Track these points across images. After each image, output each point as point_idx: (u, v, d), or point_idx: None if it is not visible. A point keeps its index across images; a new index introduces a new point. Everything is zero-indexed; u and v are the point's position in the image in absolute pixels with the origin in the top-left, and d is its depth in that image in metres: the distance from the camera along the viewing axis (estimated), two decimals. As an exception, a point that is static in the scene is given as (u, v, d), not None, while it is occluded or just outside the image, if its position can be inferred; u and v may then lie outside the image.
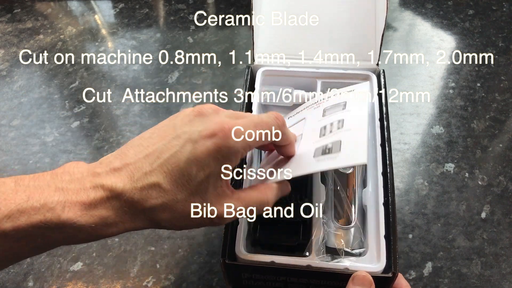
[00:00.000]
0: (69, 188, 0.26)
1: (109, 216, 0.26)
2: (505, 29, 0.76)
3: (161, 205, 0.27)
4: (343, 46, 0.53)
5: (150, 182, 0.26)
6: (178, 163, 0.27)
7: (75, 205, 0.25)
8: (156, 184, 0.26)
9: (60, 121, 0.66)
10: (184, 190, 0.27)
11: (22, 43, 0.78)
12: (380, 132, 0.45)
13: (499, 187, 0.56)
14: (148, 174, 0.27)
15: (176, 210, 0.27)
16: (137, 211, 0.27)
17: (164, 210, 0.27)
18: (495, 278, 0.48)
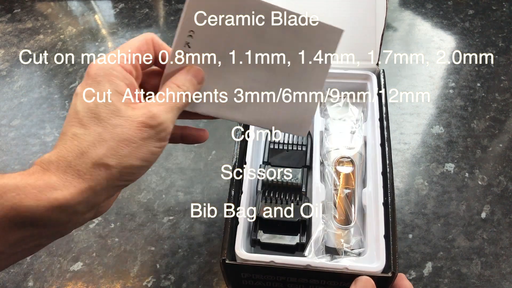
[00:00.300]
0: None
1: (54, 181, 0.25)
2: (505, 29, 0.76)
3: (90, 144, 0.27)
4: (343, 46, 0.53)
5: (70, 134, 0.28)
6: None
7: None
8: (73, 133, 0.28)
9: (60, 121, 0.66)
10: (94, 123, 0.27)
11: (22, 43, 0.78)
12: (380, 132, 0.45)
13: (499, 187, 0.56)
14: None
15: (105, 137, 0.27)
16: (78, 167, 0.26)
17: (96, 146, 0.27)
18: (495, 278, 0.48)
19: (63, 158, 0.26)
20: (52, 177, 0.25)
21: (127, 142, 0.27)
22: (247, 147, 0.45)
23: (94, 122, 0.27)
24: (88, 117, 0.27)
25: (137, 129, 0.27)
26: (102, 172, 0.26)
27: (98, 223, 0.54)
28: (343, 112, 0.51)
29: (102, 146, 0.26)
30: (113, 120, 0.27)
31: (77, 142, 0.27)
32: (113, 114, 0.27)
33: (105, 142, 0.26)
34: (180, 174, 0.59)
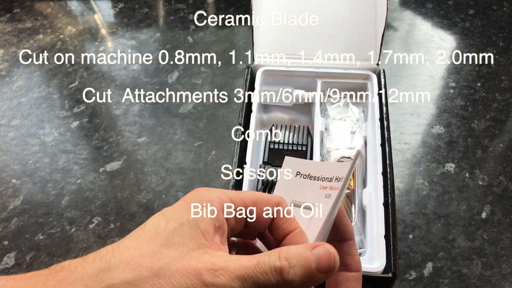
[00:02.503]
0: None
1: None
2: (506, 29, 0.76)
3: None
4: (343, 46, 0.53)
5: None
6: None
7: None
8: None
9: (60, 121, 0.66)
10: None
11: (21, 43, 0.78)
12: (380, 132, 0.45)
13: (500, 187, 0.56)
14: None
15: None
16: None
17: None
18: (495, 278, 0.48)
19: (83, 267, 0.20)
20: (44, 285, 0.20)
21: (164, 283, 0.20)
22: (247, 147, 0.45)
23: (149, 242, 0.21)
24: (148, 234, 0.22)
25: (185, 274, 0.20)
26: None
27: (98, 223, 0.54)
28: (343, 112, 0.51)
29: (132, 271, 0.20)
30: (169, 250, 0.21)
31: (113, 253, 0.21)
32: (174, 245, 0.21)
33: (140, 267, 0.20)
34: (180, 174, 0.58)
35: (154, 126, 0.64)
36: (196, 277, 0.20)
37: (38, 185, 0.58)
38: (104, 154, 0.61)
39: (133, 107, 0.67)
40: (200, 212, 0.23)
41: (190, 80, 0.71)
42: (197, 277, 0.20)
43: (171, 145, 0.62)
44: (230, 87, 0.69)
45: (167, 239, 0.21)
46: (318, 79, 0.52)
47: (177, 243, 0.21)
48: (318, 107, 0.50)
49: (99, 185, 0.58)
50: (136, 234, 0.22)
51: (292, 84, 0.53)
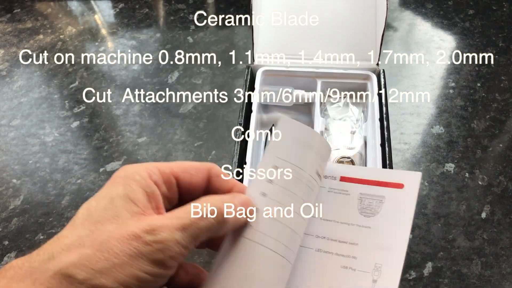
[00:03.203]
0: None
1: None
2: (505, 29, 0.76)
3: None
4: (343, 46, 0.53)
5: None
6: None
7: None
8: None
9: (60, 121, 0.66)
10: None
11: (22, 43, 0.78)
12: (380, 132, 0.45)
13: (500, 187, 0.56)
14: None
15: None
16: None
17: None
18: (495, 278, 0.48)
19: (29, 262, 0.21)
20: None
21: (108, 255, 0.20)
22: (247, 147, 0.45)
23: (84, 225, 0.22)
24: (82, 218, 0.22)
25: (125, 240, 0.21)
26: (62, 286, 0.20)
27: (98, 223, 0.54)
28: (343, 112, 0.51)
29: (75, 253, 0.21)
30: (105, 226, 0.21)
31: (54, 244, 0.21)
32: (109, 219, 0.22)
33: (82, 248, 0.21)
34: (180, 174, 0.58)
35: (154, 126, 0.64)
36: (137, 240, 0.21)
37: (38, 185, 0.58)
38: (104, 154, 0.61)
39: (133, 107, 0.67)
40: (131, 182, 0.23)
41: (190, 80, 0.71)
42: (138, 240, 0.21)
43: (171, 145, 0.62)
44: (230, 87, 0.69)
45: (100, 216, 0.22)
46: (318, 79, 0.52)
47: (111, 217, 0.22)
48: (318, 107, 0.50)
49: (100, 185, 0.58)
50: (71, 222, 0.22)
51: (292, 84, 0.53)
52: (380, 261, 0.28)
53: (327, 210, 0.31)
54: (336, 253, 0.29)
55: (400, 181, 0.30)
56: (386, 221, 0.29)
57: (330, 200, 0.31)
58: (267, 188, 0.28)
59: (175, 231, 0.22)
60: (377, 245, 0.28)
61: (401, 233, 0.28)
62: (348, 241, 0.29)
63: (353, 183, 0.31)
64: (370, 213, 0.30)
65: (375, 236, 0.29)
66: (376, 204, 0.30)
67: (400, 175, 0.30)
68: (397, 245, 0.28)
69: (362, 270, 0.28)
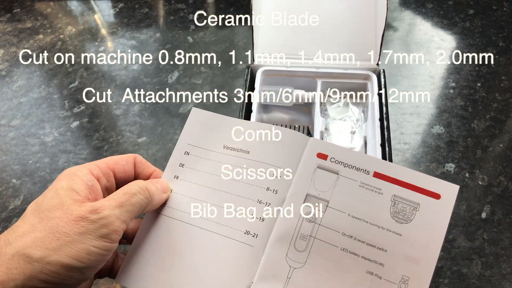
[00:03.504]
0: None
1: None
2: (506, 29, 0.76)
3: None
4: (343, 46, 0.53)
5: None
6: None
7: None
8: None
9: (60, 121, 0.66)
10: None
11: (21, 43, 0.78)
12: (380, 132, 0.45)
13: (500, 187, 0.56)
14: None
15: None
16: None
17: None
18: (495, 278, 0.48)
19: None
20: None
21: (59, 235, 0.23)
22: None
23: (34, 215, 0.25)
24: (31, 210, 0.25)
25: (73, 222, 0.24)
26: (21, 265, 0.22)
27: (98, 223, 0.54)
28: (343, 112, 0.51)
29: (29, 237, 0.23)
30: (52, 213, 0.24)
31: (8, 234, 0.24)
32: (55, 207, 0.25)
33: (34, 232, 0.24)
34: (180, 174, 0.58)
35: (154, 126, 0.64)
36: (84, 220, 0.24)
37: (38, 185, 0.58)
38: (104, 154, 0.61)
39: (133, 107, 0.67)
40: (74, 177, 0.27)
41: (190, 80, 0.71)
42: (84, 220, 0.24)
43: (171, 145, 0.62)
44: (230, 87, 0.69)
45: (47, 205, 0.25)
46: (318, 79, 0.52)
47: (57, 205, 0.25)
48: (318, 107, 0.50)
49: (99, 185, 0.58)
50: (22, 216, 0.25)
51: (292, 84, 0.53)
52: (408, 273, 0.27)
53: (357, 206, 0.29)
54: (363, 256, 0.28)
55: (437, 191, 0.29)
56: (419, 231, 0.28)
57: (360, 196, 0.30)
58: (178, 171, 0.32)
59: (115, 208, 0.26)
60: (407, 256, 0.28)
61: (432, 247, 0.27)
62: (376, 246, 0.28)
63: (387, 182, 0.29)
64: (403, 220, 0.29)
65: (405, 245, 0.28)
66: (410, 211, 0.29)
67: (437, 184, 0.29)
68: (427, 259, 0.27)
69: (389, 280, 0.27)
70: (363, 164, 0.30)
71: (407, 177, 0.29)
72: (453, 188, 0.29)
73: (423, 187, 0.29)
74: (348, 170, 0.30)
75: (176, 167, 0.33)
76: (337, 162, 0.30)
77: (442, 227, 0.28)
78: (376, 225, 0.29)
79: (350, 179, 0.30)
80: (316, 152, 0.31)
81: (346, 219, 0.29)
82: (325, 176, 0.30)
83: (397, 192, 0.29)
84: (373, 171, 0.30)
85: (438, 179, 0.29)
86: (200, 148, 0.33)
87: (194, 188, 0.32)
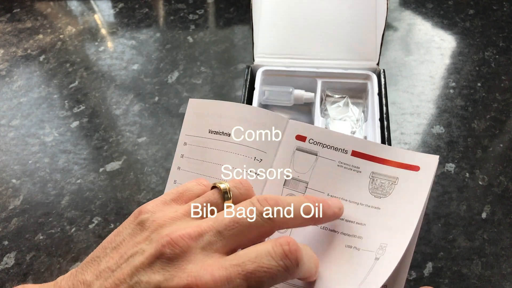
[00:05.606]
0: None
1: None
2: (506, 29, 0.76)
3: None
4: (343, 46, 0.53)
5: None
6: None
7: None
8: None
9: (60, 121, 0.66)
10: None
11: (21, 43, 0.78)
12: (380, 132, 0.45)
13: (500, 187, 0.56)
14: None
15: None
16: None
17: None
18: (495, 278, 0.48)
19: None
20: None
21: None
22: (247, 147, 0.45)
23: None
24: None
25: None
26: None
27: (98, 223, 0.54)
28: (343, 112, 0.51)
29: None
30: None
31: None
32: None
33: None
34: (180, 174, 0.58)
35: (154, 126, 0.64)
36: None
37: (38, 185, 0.58)
38: (104, 154, 0.61)
39: (133, 107, 0.67)
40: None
41: (190, 80, 0.71)
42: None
43: (171, 145, 0.62)
44: (230, 87, 0.69)
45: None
46: (318, 79, 0.52)
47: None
48: (318, 107, 0.50)
49: (99, 185, 0.58)
50: None
51: (292, 84, 0.53)
52: (385, 241, 0.27)
53: (336, 186, 0.29)
54: (341, 232, 0.28)
55: (416, 163, 0.29)
56: (397, 203, 0.28)
57: (339, 175, 0.29)
58: (180, 162, 0.33)
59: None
60: (385, 227, 0.28)
61: (411, 215, 0.27)
62: (355, 221, 0.28)
63: (366, 160, 0.29)
64: (381, 194, 0.29)
65: (384, 217, 0.28)
66: (388, 185, 0.29)
67: (416, 157, 0.29)
68: (404, 227, 0.27)
69: (366, 249, 0.27)
70: (341, 143, 0.30)
71: (385, 153, 0.29)
72: (433, 158, 0.28)
73: (402, 162, 0.29)
74: (327, 151, 0.30)
75: (178, 158, 0.34)
76: (315, 143, 0.30)
77: (422, 196, 0.28)
78: (355, 202, 0.29)
79: (329, 159, 0.30)
80: (295, 134, 0.31)
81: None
82: (304, 157, 0.30)
83: (375, 169, 0.29)
84: (351, 150, 0.30)
85: (419, 153, 0.28)
86: (193, 136, 0.34)
87: (190, 177, 0.33)
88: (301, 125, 0.31)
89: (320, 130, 0.30)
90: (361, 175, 0.29)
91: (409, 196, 0.28)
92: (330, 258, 0.28)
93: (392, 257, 0.26)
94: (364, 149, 0.29)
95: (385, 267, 0.26)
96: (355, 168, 0.29)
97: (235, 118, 0.32)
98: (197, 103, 0.34)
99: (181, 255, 0.22)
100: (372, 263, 0.27)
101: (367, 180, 0.29)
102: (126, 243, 0.24)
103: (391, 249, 0.27)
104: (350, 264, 0.27)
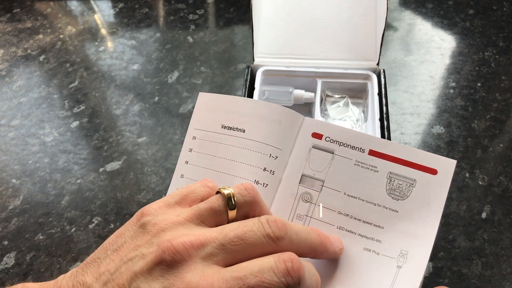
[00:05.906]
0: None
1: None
2: (506, 29, 0.76)
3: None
4: (343, 46, 0.53)
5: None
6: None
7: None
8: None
9: (60, 121, 0.66)
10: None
11: (21, 43, 0.78)
12: (381, 132, 0.45)
13: (500, 187, 0.56)
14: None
15: None
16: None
17: None
18: (495, 278, 0.48)
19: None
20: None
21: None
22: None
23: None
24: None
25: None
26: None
27: (98, 223, 0.54)
28: (343, 112, 0.51)
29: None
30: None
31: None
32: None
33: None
34: (180, 174, 0.58)
35: (154, 126, 0.64)
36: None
37: (38, 185, 0.58)
38: (104, 154, 0.61)
39: (133, 107, 0.67)
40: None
41: (190, 80, 0.71)
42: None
43: (171, 145, 0.62)
44: (230, 87, 0.69)
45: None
46: (318, 79, 0.52)
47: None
48: (318, 107, 0.50)
49: (99, 185, 0.58)
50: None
51: (292, 84, 0.53)
52: (406, 248, 0.27)
53: (352, 185, 0.29)
54: (359, 233, 0.28)
55: (434, 166, 0.29)
56: (416, 207, 0.28)
57: (356, 174, 0.29)
58: (188, 156, 0.33)
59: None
60: (404, 232, 0.27)
61: (430, 222, 0.27)
62: (373, 223, 0.28)
63: (383, 160, 0.29)
64: (399, 196, 0.28)
65: (403, 222, 0.28)
66: (406, 187, 0.28)
67: (434, 160, 0.29)
68: (425, 234, 0.27)
69: (387, 255, 0.27)
70: (358, 142, 0.30)
71: (403, 154, 0.29)
72: (450, 163, 0.29)
73: (420, 163, 0.29)
74: (343, 149, 0.30)
75: (186, 152, 0.33)
76: (332, 141, 0.30)
77: (440, 202, 0.28)
78: (372, 202, 0.29)
79: (346, 158, 0.30)
80: (311, 132, 0.31)
81: (341, 198, 0.29)
82: (320, 155, 0.30)
83: (393, 169, 0.29)
84: (368, 149, 0.29)
85: (435, 155, 0.28)
86: (202, 130, 0.33)
87: (200, 172, 0.32)
88: (317, 123, 0.31)
89: (337, 128, 0.30)
90: (378, 174, 0.29)
91: (427, 201, 0.28)
92: (348, 260, 0.28)
93: (416, 267, 0.26)
94: (381, 148, 0.29)
95: (410, 279, 0.26)
96: (372, 168, 0.29)
97: (249, 114, 0.32)
98: (207, 97, 0.34)
99: (181, 262, 0.22)
100: (395, 271, 0.26)
101: (384, 180, 0.29)
102: (127, 246, 0.24)
103: (413, 258, 0.26)
104: (370, 269, 0.27)
